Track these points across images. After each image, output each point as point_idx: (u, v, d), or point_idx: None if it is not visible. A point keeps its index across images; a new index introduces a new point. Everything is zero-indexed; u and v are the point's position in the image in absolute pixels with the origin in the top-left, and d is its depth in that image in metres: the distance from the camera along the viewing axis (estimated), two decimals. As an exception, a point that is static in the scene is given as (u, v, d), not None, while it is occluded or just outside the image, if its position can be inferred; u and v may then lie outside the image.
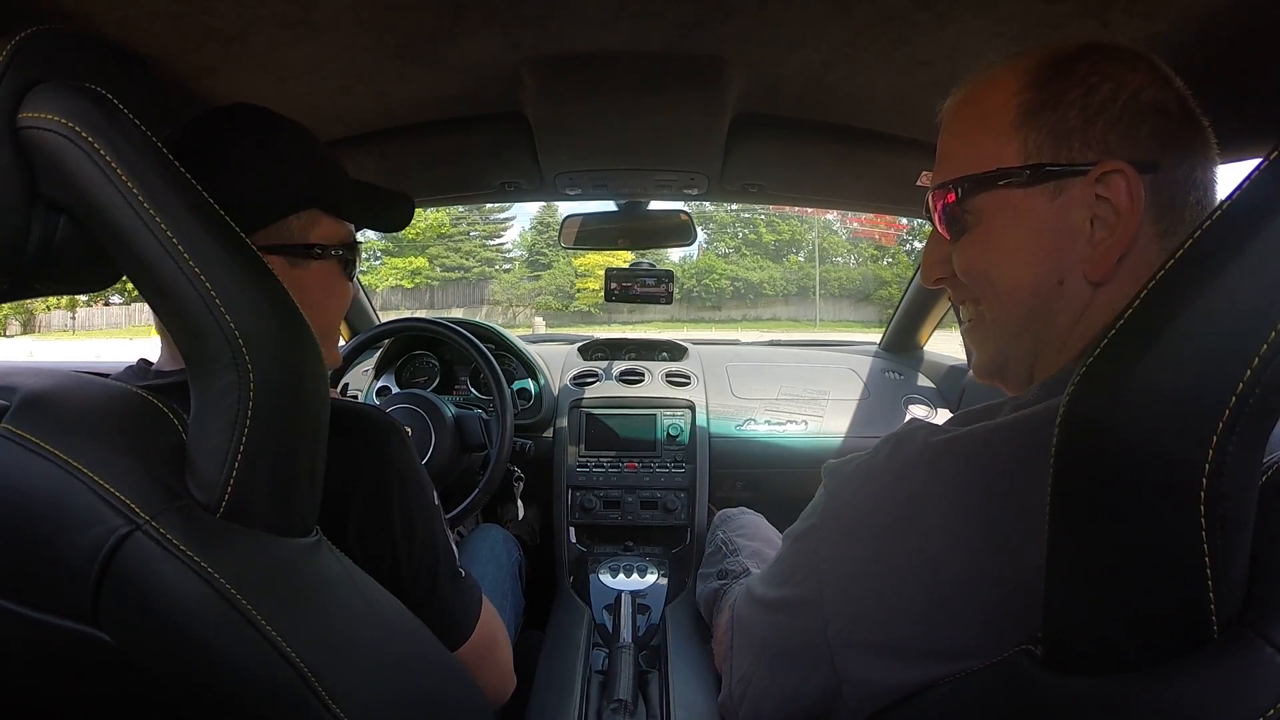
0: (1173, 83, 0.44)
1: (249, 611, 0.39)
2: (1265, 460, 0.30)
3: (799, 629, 0.46)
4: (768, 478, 1.45)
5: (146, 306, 0.43)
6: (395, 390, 1.45)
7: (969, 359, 1.46)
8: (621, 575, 1.27)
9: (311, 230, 0.60)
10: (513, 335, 1.51)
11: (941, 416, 1.47)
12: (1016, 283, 0.46)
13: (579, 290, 26.83)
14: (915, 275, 1.52)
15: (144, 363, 0.59)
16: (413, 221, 0.74)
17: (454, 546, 0.63)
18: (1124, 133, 0.42)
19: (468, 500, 1.17)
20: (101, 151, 0.38)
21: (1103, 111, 0.42)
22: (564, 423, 1.42)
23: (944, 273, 0.51)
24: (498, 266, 29.95)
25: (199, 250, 0.39)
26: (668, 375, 1.50)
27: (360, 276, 1.59)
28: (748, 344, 1.93)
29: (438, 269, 28.73)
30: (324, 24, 0.63)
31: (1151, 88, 0.42)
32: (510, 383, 1.38)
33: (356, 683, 0.44)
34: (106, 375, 0.54)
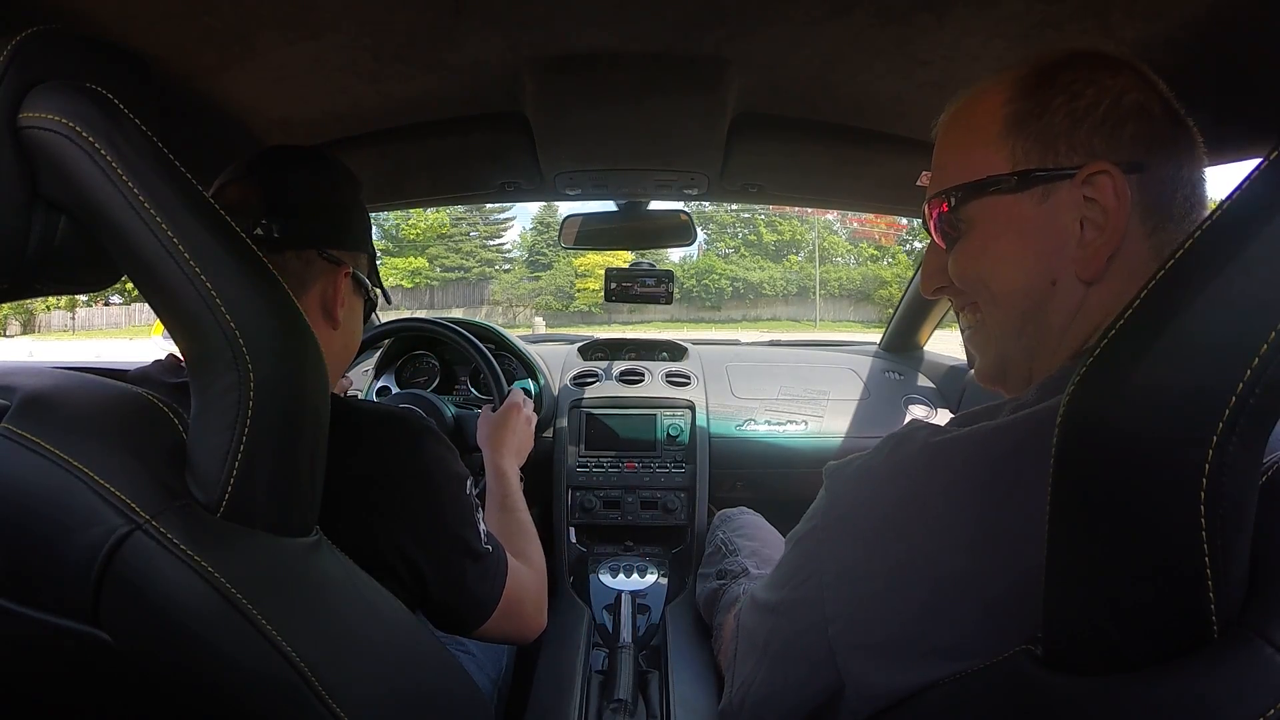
0: (1156, 85, 0.45)
1: (249, 610, 0.39)
2: (1265, 460, 0.30)
3: (801, 630, 0.46)
4: (768, 478, 1.45)
5: (146, 306, 0.43)
6: (395, 390, 1.45)
7: (970, 360, 1.46)
8: (621, 575, 1.27)
9: (357, 262, 0.69)
10: (513, 335, 1.51)
11: (942, 416, 1.47)
12: (1010, 285, 0.47)
13: (579, 290, 26.83)
14: (915, 275, 1.52)
15: (174, 359, 0.59)
16: (413, 221, 0.78)
17: (480, 528, 0.66)
18: (1108, 135, 0.43)
19: None
20: (102, 151, 0.38)
21: (1087, 116, 0.43)
22: (564, 423, 1.42)
23: (942, 281, 0.52)
24: (498, 266, 29.96)
25: (199, 250, 0.39)
26: (668, 375, 1.50)
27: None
28: (748, 344, 1.93)
29: (438, 269, 28.72)
30: (324, 24, 0.63)
31: (1134, 91, 0.44)
32: (510, 383, 1.38)
33: (355, 681, 0.44)
34: (123, 373, 0.54)
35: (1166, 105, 0.44)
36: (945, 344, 1.70)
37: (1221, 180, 0.45)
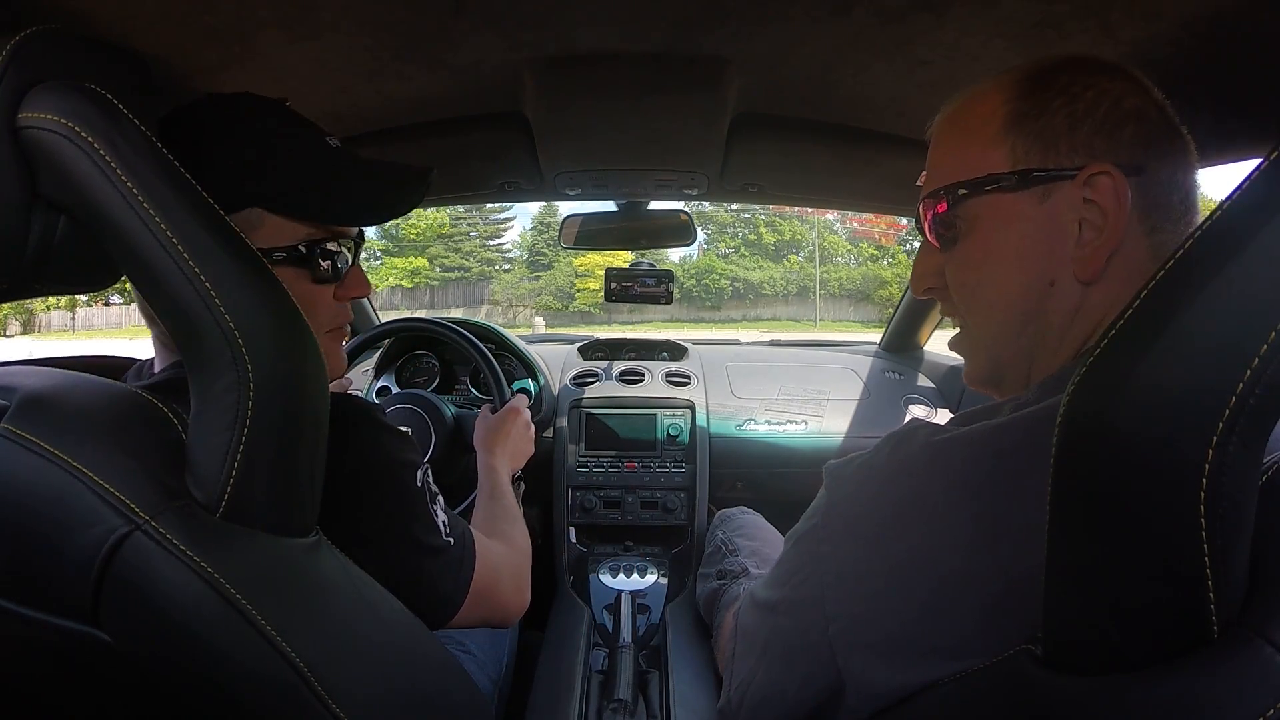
0: (1151, 92, 0.45)
1: (248, 611, 0.39)
2: (1265, 460, 0.30)
3: (801, 629, 0.46)
4: (768, 478, 1.45)
5: (146, 306, 0.43)
6: (395, 390, 1.45)
7: (968, 361, 1.46)
8: (621, 575, 1.27)
9: (250, 233, 0.51)
10: (513, 335, 1.51)
11: (942, 416, 1.46)
12: (1008, 287, 0.47)
13: (579, 290, 26.83)
14: (915, 275, 1.52)
15: (148, 364, 0.59)
16: (413, 221, 0.73)
17: (437, 520, 0.61)
18: (1108, 137, 0.43)
19: (467, 500, 1.17)
20: (101, 151, 0.38)
21: (1087, 117, 0.44)
22: (564, 423, 1.42)
23: (935, 283, 0.52)
24: (498, 266, 29.99)
25: (198, 250, 0.39)
26: (668, 375, 1.50)
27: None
28: (748, 344, 1.93)
29: (438, 269, 28.74)
30: (324, 24, 0.63)
31: (1132, 95, 0.44)
32: (510, 383, 1.38)
33: (355, 681, 0.44)
34: (127, 367, 0.53)
35: (1162, 110, 0.45)
36: (945, 344, 1.70)
37: (1221, 180, 0.46)
